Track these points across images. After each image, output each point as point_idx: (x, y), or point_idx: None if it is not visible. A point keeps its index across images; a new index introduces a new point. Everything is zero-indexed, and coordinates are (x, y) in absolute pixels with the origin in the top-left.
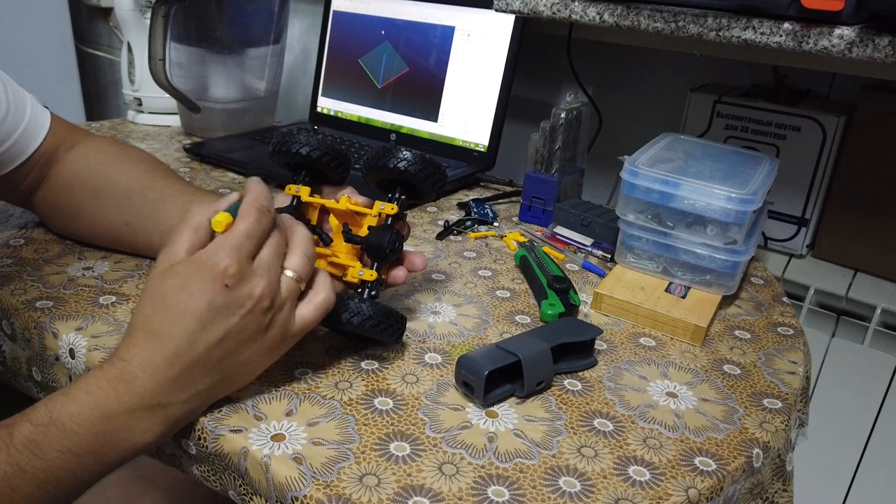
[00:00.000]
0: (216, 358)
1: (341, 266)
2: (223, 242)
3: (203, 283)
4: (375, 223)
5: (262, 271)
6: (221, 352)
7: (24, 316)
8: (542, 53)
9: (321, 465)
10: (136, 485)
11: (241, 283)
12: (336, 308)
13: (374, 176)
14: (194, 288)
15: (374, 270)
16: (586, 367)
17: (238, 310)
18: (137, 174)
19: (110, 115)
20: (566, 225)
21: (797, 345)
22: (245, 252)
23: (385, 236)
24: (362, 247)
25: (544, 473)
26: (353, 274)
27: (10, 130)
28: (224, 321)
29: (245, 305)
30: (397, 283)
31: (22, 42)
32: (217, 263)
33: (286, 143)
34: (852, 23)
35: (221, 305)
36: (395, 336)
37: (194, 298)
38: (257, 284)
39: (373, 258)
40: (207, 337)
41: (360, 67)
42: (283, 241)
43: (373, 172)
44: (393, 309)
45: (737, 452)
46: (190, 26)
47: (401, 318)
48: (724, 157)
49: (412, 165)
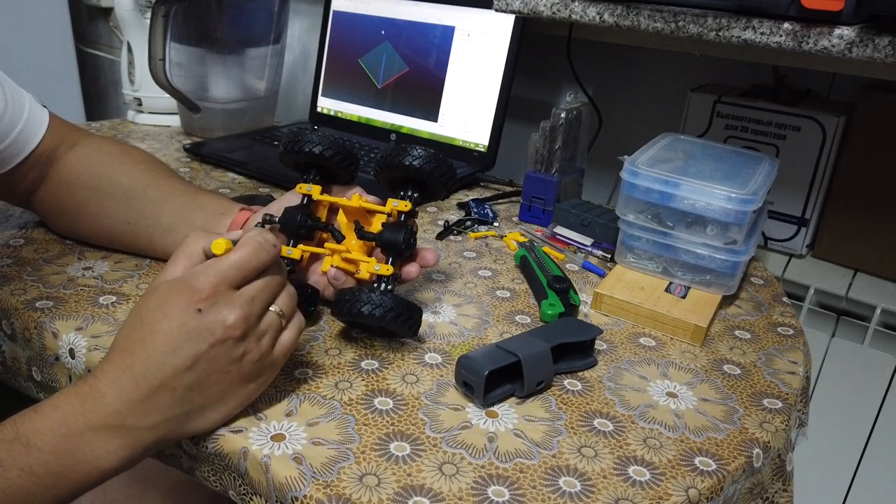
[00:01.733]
0: (185, 385)
1: (354, 262)
2: (207, 267)
3: (177, 304)
4: (387, 220)
5: (241, 301)
6: (190, 379)
7: (24, 316)
8: (542, 53)
9: (321, 465)
10: (137, 485)
11: (215, 310)
12: (357, 301)
13: (386, 174)
14: (169, 308)
15: (390, 266)
16: (586, 367)
17: (208, 336)
18: (138, 174)
19: (110, 115)
20: (566, 225)
21: (797, 345)
22: (228, 280)
23: (401, 233)
24: (377, 243)
25: (544, 473)
26: (368, 269)
27: (7, 129)
28: (194, 346)
29: (215, 333)
30: (410, 279)
31: (22, 42)
32: (193, 286)
33: (298, 142)
34: (852, 23)
35: (192, 330)
36: (413, 328)
37: (167, 319)
38: (230, 313)
39: (388, 254)
40: (175, 361)
41: (360, 67)
42: (280, 283)
43: (386, 171)
44: (411, 302)
45: (737, 452)
46: (190, 26)
47: (418, 311)
48: (724, 157)
49: (426, 163)
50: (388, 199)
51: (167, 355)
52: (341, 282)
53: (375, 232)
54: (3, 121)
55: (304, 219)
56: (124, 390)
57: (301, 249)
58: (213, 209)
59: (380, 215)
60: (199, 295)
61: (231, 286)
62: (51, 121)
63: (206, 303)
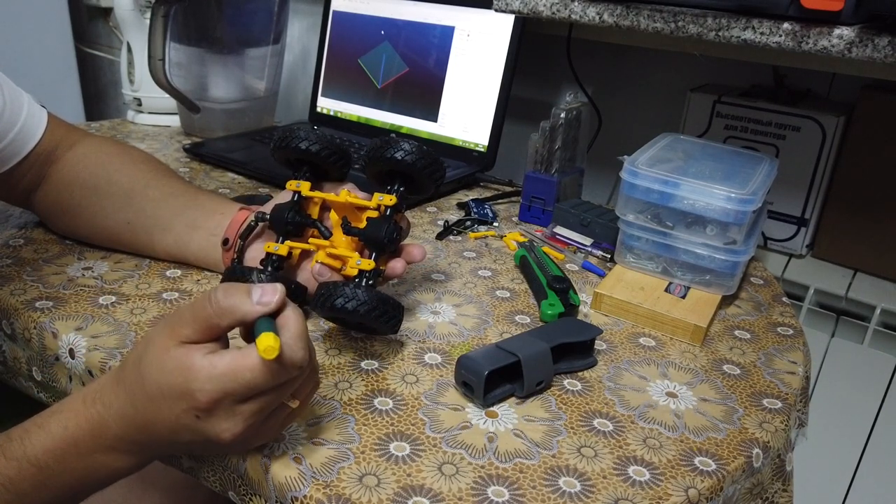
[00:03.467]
0: (184, 447)
1: (340, 258)
2: (219, 378)
3: (178, 399)
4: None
5: (244, 416)
6: (188, 448)
7: (24, 316)
8: (541, 53)
9: (321, 465)
10: (136, 485)
11: (212, 422)
12: (332, 295)
13: (373, 168)
14: (165, 404)
15: (371, 260)
16: (586, 367)
17: (201, 436)
18: (138, 173)
19: (110, 115)
20: (566, 225)
21: (797, 345)
22: (232, 395)
23: (383, 227)
24: (360, 238)
25: (544, 473)
26: (352, 265)
27: (6, 129)
28: (189, 436)
29: (210, 438)
30: (395, 275)
31: (22, 42)
32: (194, 394)
33: (287, 138)
34: (852, 23)
35: (188, 426)
36: (391, 324)
37: (167, 404)
38: (227, 430)
39: (371, 249)
40: (173, 438)
41: (359, 67)
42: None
43: (372, 164)
44: (389, 297)
45: (737, 452)
46: (190, 26)
47: (397, 307)
48: (724, 157)
49: (410, 155)
50: (375, 194)
51: (167, 434)
52: (326, 277)
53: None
54: (2, 120)
55: (292, 215)
56: (129, 430)
57: (288, 246)
58: (213, 209)
59: (370, 211)
60: (198, 404)
61: (235, 401)
62: (49, 121)
63: (203, 412)
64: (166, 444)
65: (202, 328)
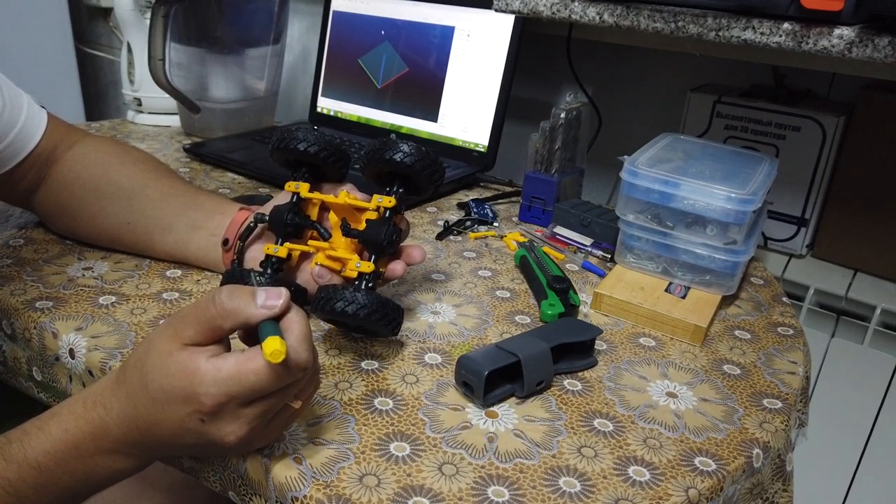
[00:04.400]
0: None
1: (340, 260)
2: (224, 382)
3: (182, 402)
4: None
5: (248, 419)
6: (191, 450)
7: (24, 316)
8: (541, 53)
9: (321, 465)
10: (136, 485)
11: (217, 424)
12: (332, 298)
13: (372, 169)
14: (169, 407)
15: (371, 263)
16: (586, 368)
17: (205, 439)
18: (138, 173)
19: (110, 115)
20: (566, 225)
21: (797, 345)
22: (236, 398)
23: (382, 229)
24: (360, 240)
25: (544, 473)
26: (351, 267)
27: (6, 129)
28: (192, 439)
29: (214, 441)
30: (395, 277)
31: (22, 42)
32: (198, 397)
33: (285, 139)
34: (852, 23)
35: (192, 429)
36: (391, 327)
37: (171, 407)
38: (232, 433)
39: (370, 251)
40: (176, 440)
41: (359, 67)
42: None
43: (371, 166)
44: (389, 300)
45: (737, 452)
46: (190, 26)
47: (397, 310)
48: (724, 157)
49: (408, 157)
50: (374, 196)
51: (170, 437)
52: (325, 280)
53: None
54: (2, 121)
55: (291, 216)
56: (130, 433)
57: (287, 247)
58: (213, 209)
59: (369, 212)
60: (202, 407)
61: (240, 404)
62: (49, 121)
63: (208, 416)
64: (168, 447)
65: (205, 330)
